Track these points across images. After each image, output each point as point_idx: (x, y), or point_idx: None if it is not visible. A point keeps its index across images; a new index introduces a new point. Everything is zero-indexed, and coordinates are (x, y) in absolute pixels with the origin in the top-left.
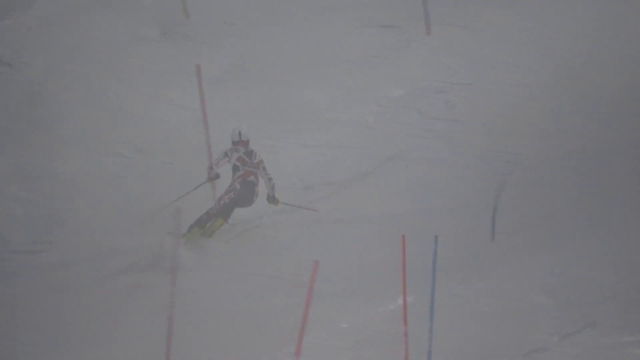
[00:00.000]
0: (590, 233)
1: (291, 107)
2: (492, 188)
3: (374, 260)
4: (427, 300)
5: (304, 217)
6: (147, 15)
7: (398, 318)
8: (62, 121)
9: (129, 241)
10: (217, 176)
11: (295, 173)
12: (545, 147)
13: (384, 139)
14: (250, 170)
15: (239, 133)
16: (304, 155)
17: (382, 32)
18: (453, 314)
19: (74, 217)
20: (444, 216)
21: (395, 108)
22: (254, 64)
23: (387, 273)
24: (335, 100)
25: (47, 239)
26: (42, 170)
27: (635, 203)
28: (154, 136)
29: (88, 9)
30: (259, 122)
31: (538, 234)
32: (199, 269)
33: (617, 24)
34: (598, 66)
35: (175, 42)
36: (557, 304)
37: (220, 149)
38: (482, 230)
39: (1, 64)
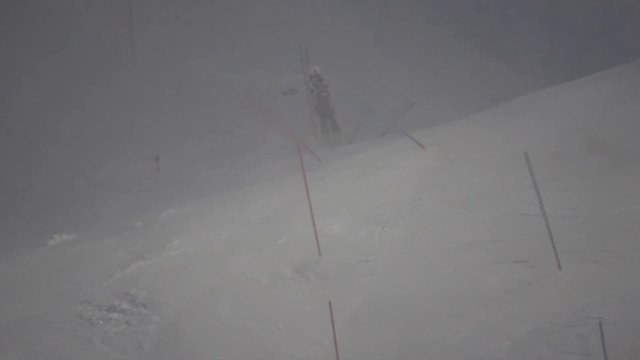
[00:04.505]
0: None
1: (425, 346)
2: None
3: None
4: None
5: None
6: (281, 254)
7: None
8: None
9: None
10: (295, 92)
11: None
12: None
13: None
14: (321, 89)
15: (314, 70)
16: None
17: (515, 268)
18: None
19: None
20: None
21: (528, 343)
22: (389, 300)
23: None
24: (471, 337)
25: None
26: None
27: None
28: None
29: (224, 251)
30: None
31: None
32: None
33: None
34: None
35: (309, 280)
36: None
37: None
38: None
39: (135, 304)
